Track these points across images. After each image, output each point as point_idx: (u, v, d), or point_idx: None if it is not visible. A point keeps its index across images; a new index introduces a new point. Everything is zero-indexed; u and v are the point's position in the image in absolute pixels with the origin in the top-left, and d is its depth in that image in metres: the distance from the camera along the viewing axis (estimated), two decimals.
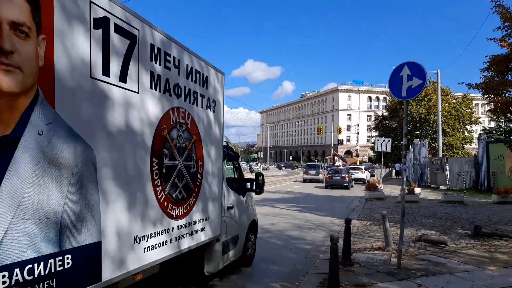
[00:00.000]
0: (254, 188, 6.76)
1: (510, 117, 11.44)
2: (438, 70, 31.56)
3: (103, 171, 3.01)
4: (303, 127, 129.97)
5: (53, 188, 2.54)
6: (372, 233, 9.62)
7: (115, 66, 3.16)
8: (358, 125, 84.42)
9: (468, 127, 46.44)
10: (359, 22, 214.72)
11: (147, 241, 3.65)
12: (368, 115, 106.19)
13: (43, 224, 2.48)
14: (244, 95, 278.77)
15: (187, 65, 4.44)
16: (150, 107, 3.68)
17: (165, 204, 3.98)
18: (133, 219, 3.43)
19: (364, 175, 34.03)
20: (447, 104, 43.21)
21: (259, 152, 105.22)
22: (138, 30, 3.47)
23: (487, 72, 11.24)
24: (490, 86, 10.96)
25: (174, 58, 4.13)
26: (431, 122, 42.49)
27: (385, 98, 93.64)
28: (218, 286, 5.78)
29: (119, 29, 3.19)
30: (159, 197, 3.85)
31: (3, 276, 2.21)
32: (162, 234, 3.91)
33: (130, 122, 3.38)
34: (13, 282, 2.27)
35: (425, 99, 43.42)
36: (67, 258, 2.67)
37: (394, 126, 47.05)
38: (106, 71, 3.06)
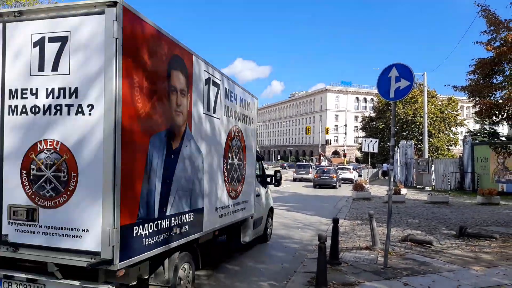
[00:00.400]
0: (273, 182, 8.92)
1: (495, 119, 11.59)
2: (425, 73, 31.98)
3: (204, 167, 5.08)
4: (291, 127, 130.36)
5: (189, 174, 4.67)
6: (359, 232, 9.69)
7: (211, 105, 5.32)
8: (345, 125, 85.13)
9: (453, 129, 47.19)
10: (348, 23, 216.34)
11: (220, 211, 5.70)
12: (355, 116, 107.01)
13: (187, 193, 4.62)
14: None
15: (240, 97, 6.67)
16: (224, 127, 5.82)
17: (228, 188, 6.05)
18: (215, 196, 5.50)
19: (352, 175, 34.66)
20: (433, 106, 43.82)
21: None
22: (221, 80, 5.67)
23: (473, 75, 11.39)
24: (475, 89, 11.10)
25: (235, 94, 6.36)
26: (417, 123, 43.06)
27: (372, 99, 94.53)
28: (206, 285, 5.76)
29: (214, 83, 5.38)
30: (226, 183, 5.95)
31: (173, 219, 4.28)
32: (227, 208, 6.00)
33: (215, 137, 5.50)
34: (173, 224, 4.29)
35: (412, 101, 43.96)
36: (192, 214, 4.73)
37: (381, 127, 47.53)
38: (208, 109, 5.19)
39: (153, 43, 3.83)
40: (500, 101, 10.82)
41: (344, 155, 66.78)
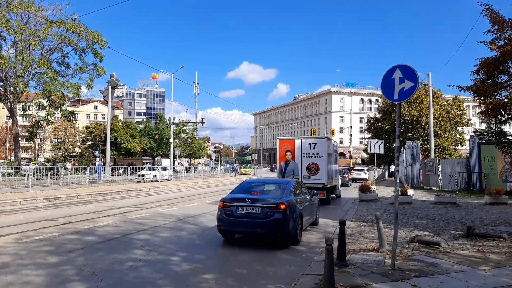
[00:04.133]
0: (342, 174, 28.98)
1: (501, 119, 11.55)
2: (430, 73, 31.95)
3: (333, 165, 19.46)
4: (297, 129, 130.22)
5: (331, 167, 18.84)
6: (366, 234, 9.67)
7: (332, 149, 19.32)
8: (351, 127, 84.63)
9: (459, 128, 46.91)
10: (352, 25, 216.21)
11: (333, 179, 19.45)
12: (360, 117, 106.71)
13: (331, 173, 18.85)
14: (238, 97, 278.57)
15: (335, 144, 21.11)
16: (333, 154, 19.51)
17: (334, 173, 20.01)
18: (333, 175, 19.54)
19: (366, 175, 37.79)
20: (438, 106, 43.60)
21: (253, 154, 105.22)
22: (333, 142, 20.21)
23: (478, 75, 11.37)
24: (480, 89, 11.07)
25: (336, 145, 21.86)
26: (423, 124, 42.86)
27: (377, 100, 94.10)
28: None
29: (333, 144, 19.73)
30: (333, 172, 19.55)
31: (332, 179, 19.26)
32: (334, 178, 19.99)
33: (332, 157, 19.14)
34: (330, 179, 18.57)
35: (417, 101, 43.78)
36: (332, 178, 19.21)
37: (386, 128, 47.35)
38: (332, 151, 19.00)
39: (327, 143, 17.66)
40: (506, 100, 10.78)
41: (350, 157, 66.58)
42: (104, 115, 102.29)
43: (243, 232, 9.00)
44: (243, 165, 67.52)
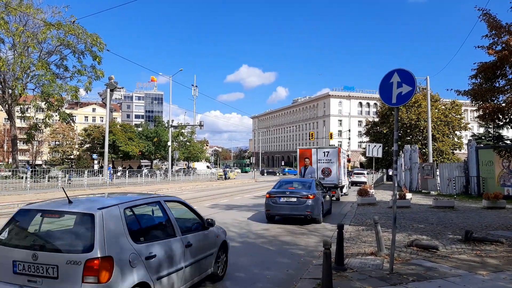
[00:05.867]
0: (349, 175, 34.94)
1: (499, 123, 11.57)
2: (428, 77, 32.02)
3: (343, 169, 23.40)
4: (295, 133, 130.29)
5: (341, 169, 22.30)
6: (365, 238, 9.66)
7: (342, 156, 23.04)
8: (349, 130, 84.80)
9: (457, 132, 46.93)
10: (351, 29, 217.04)
11: (343, 179, 23.56)
12: (359, 121, 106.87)
13: (342, 174, 22.85)
14: (238, 100, 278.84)
15: (344, 152, 25.89)
16: (342, 160, 23.00)
17: (343, 175, 23.10)
18: (342, 175, 22.50)
19: (366, 178, 38.20)
20: (436, 110, 43.65)
21: (251, 158, 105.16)
22: (342, 151, 23.69)
23: (475, 79, 11.39)
24: (478, 93, 11.08)
25: (345, 153, 26.76)
26: (421, 128, 42.89)
27: (375, 104, 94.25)
28: None
29: (342, 152, 23.07)
30: (342, 173, 22.96)
31: (343, 179, 23.44)
32: (342, 179, 22.91)
33: (342, 162, 22.69)
34: (341, 179, 22.45)
35: (415, 105, 43.83)
36: (341, 178, 22.51)
37: (385, 131, 47.35)
38: (341, 157, 22.61)
39: (338, 151, 21.51)
40: (503, 105, 10.80)
41: (349, 160, 66.43)
42: (102, 117, 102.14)
43: (283, 214, 12.61)
44: (230, 169, 67.85)
